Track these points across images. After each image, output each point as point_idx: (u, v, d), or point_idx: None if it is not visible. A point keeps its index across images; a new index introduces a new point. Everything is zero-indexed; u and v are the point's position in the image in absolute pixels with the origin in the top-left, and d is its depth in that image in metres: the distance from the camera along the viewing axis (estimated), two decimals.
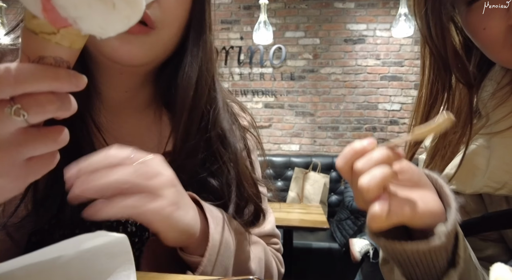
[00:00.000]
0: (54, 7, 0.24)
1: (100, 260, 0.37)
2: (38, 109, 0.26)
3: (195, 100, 0.52)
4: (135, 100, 0.56)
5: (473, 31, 0.45)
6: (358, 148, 0.36)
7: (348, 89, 3.44)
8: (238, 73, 3.53)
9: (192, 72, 0.51)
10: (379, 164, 0.34)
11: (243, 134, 0.62)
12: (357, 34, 3.42)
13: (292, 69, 3.48)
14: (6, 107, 0.25)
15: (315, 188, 3.00)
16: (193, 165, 0.52)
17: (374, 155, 0.35)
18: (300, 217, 2.19)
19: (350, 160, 0.36)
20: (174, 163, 0.51)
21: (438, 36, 0.47)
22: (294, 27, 3.48)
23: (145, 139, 0.57)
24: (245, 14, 3.53)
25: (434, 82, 0.51)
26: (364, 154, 0.35)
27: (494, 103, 0.49)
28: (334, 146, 3.47)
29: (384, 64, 3.38)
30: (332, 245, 2.55)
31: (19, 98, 0.25)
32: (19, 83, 0.25)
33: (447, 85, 0.51)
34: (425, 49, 0.51)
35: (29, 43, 0.26)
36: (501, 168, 0.45)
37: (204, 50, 0.53)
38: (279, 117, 3.52)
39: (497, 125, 0.47)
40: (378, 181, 0.33)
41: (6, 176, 0.28)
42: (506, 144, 0.46)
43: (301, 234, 2.63)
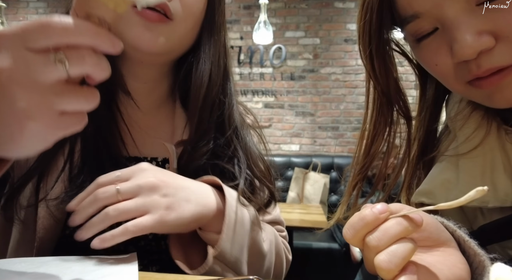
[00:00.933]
0: None
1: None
2: (79, 61, 0.29)
3: (208, 90, 0.56)
4: (154, 94, 0.61)
5: (427, 66, 0.46)
6: (370, 219, 0.31)
7: (348, 89, 3.44)
8: (238, 73, 3.53)
9: (205, 68, 0.56)
10: (396, 239, 0.30)
11: (248, 130, 0.66)
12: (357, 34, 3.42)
13: (292, 69, 3.48)
14: (49, 53, 0.28)
15: (315, 188, 3.01)
16: (207, 149, 0.56)
17: (391, 229, 0.30)
18: (300, 217, 2.19)
19: (360, 233, 0.32)
20: (190, 149, 0.56)
21: (382, 74, 0.50)
22: (294, 27, 3.48)
23: (161, 132, 0.61)
24: (245, 13, 3.54)
25: (377, 116, 0.54)
26: (376, 226, 0.31)
27: (459, 124, 0.50)
28: (334, 146, 3.47)
29: None
30: (332, 245, 2.56)
31: (63, 49, 0.28)
32: (65, 33, 0.28)
33: (389, 120, 0.53)
34: (370, 84, 0.54)
35: (79, 1, 0.29)
36: (470, 182, 0.46)
37: (215, 48, 0.58)
38: (279, 117, 3.52)
39: (463, 146, 0.49)
40: (399, 261, 0.29)
41: (39, 120, 0.29)
42: (473, 161, 0.48)
43: (301, 234, 2.64)
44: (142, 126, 0.59)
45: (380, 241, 0.30)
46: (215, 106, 0.58)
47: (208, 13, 0.56)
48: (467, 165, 0.48)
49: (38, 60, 0.28)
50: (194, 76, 0.56)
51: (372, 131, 0.54)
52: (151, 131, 0.60)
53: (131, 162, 0.55)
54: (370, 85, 0.55)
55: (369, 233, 0.31)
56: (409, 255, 0.30)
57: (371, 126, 0.55)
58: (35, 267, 0.40)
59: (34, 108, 0.29)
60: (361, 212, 0.32)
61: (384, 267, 0.29)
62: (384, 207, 0.32)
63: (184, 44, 0.55)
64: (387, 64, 0.50)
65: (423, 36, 0.44)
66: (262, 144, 0.68)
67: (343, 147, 3.46)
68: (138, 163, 0.48)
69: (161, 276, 0.43)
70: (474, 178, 0.46)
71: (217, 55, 0.58)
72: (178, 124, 0.59)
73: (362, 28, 0.49)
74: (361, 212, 0.32)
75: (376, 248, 0.30)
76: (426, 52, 0.45)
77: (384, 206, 0.32)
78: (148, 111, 0.61)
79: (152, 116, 0.61)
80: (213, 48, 0.57)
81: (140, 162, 0.48)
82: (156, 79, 0.59)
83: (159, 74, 0.59)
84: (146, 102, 0.60)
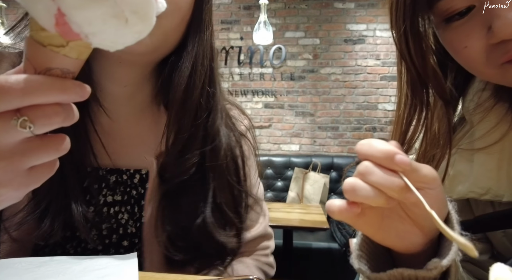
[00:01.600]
0: (67, 22, 0.24)
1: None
2: (45, 121, 0.26)
3: (187, 93, 0.51)
4: (136, 98, 0.56)
5: (453, 49, 0.44)
6: (384, 153, 0.31)
7: (348, 89, 3.44)
8: (238, 73, 3.54)
9: (185, 67, 0.52)
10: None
11: (239, 140, 0.61)
12: (357, 34, 3.42)
13: (292, 69, 3.48)
14: (12, 118, 0.25)
15: (315, 188, 3.01)
16: (193, 162, 0.52)
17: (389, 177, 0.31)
18: (300, 217, 2.19)
19: (368, 157, 0.33)
20: (173, 160, 0.52)
21: (417, 54, 0.46)
22: (294, 27, 3.48)
23: (145, 139, 0.56)
24: (245, 14, 3.54)
25: (412, 99, 0.50)
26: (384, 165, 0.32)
27: (478, 117, 0.48)
28: (334, 146, 3.47)
29: (384, 64, 3.39)
30: (332, 245, 2.55)
31: (25, 110, 0.25)
32: (27, 94, 0.24)
33: (425, 102, 0.50)
34: (402, 66, 0.50)
35: (36, 54, 0.25)
36: (485, 175, 0.45)
37: (200, 47, 0.53)
38: (279, 117, 3.52)
39: (480, 141, 0.46)
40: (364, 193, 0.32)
41: (9, 185, 0.28)
42: (489, 154, 0.46)
43: (301, 234, 2.64)
44: (121, 135, 0.55)
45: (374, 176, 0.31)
46: (198, 112, 0.53)
47: (195, 11, 0.52)
48: (482, 157, 0.46)
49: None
50: (175, 77, 0.52)
51: (407, 115, 0.51)
52: (132, 140, 0.55)
53: (99, 173, 0.53)
54: (402, 67, 0.50)
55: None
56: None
57: (405, 109, 0.51)
58: (34, 267, 0.40)
59: (1, 174, 0.27)
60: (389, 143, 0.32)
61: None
62: (406, 159, 0.31)
63: (169, 42, 0.51)
64: (422, 43, 0.46)
65: (453, 16, 0.41)
66: (253, 150, 0.65)
67: (343, 147, 3.46)
68: (113, 175, 0.48)
69: (161, 276, 0.43)
70: (490, 172, 0.45)
71: (200, 55, 0.53)
72: (161, 133, 0.54)
73: (395, 6, 0.46)
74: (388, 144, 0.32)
75: (364, 177, 0.32)
76: (456, 34, 0.42)
77: (407, 159, 0.31)
78: (129, 118, 0.56)
79: (134, 123, 0.56)
80: (197, 47, 0.52)
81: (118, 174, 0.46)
82: (138, 82, 0.54)
83: (140, 77, 0.54)
84: (127, 108, 0.55)
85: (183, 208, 0.53)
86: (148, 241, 0.53)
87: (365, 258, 0.38)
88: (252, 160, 0.65)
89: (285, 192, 3.16)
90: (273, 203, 2.81)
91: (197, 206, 0.54)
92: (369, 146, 0.32)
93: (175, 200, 0.53)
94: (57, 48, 0.25)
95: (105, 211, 0.53)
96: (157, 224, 0.53)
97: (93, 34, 0.25)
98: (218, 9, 3.56)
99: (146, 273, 0.43)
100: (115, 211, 0.54)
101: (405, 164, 0.31)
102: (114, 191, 0.54)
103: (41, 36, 0.25)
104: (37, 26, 0.25)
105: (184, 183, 0.53)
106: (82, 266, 0.41)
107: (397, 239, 0.36)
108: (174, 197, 0.53)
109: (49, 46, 0.25)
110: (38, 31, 0.25)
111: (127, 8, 0.24)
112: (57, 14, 0.23)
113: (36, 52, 0.25)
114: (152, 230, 0.53)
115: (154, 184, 0.54)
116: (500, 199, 0.43)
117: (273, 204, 2.75)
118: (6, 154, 0.26)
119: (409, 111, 0.50)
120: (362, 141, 0.33)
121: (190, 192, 0.54)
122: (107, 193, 0.54)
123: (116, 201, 0.54)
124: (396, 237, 0.36)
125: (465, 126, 0.51)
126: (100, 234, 0.52)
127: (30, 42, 0.25)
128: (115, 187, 0.54)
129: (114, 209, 0.54)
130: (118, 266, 0.42)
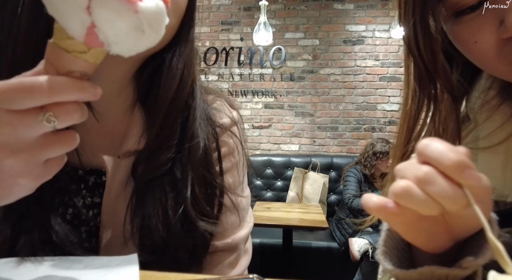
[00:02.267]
0: (96, 33, 0.27)
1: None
2: (67, 117, 0.30)
3: (178, 92, 0.51)
4: (122, 95, 0.53)
5: (463, 44, 0.42)
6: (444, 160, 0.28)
7: (347, 89, 3.45)
8: (238, 73, 3.55)
9: (179, 67, 0.51)
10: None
11: (216, 133, 0.57)
12: (356, 35, 3.43)
13: (292, 69, 3.50)
14: (39, 114, 0.29)
15: (315, 188, 3.02)
16: (167, 159, 0.50)
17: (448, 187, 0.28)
18: (300, 216, 2.20)
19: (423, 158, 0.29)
20: (145, 158, 0.50)
21: (426, 48, 0.44)
22: (293, 28, 3.49)
23: (127, 138, 0.53)
24: (245, 15, 3.55)
25: (420, 95, 0.48)
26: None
27: (483, 116, 0.46)
28: (333, 146, 3.48)
29: (383, 65, 3.40)
30: (332, 244, 2.56)
31: (50, 107, 0.29)
32: (53, 93, 0.28)
33: (433, 98, 0.48)
34: (410, 61, 0.48)
35: (60, 59, 0.29)
36: (489, 174, 0.44)
37: (191, 45, 0.52)
38: (278, 117, 3.53)
39: (485, 141, 0.45)
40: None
41: (29, 176, 0.31)
42: (494, 154, 0.45)
43: (300, 233, 2.65)
44: (104, 132, 0.53)
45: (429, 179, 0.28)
46: (184, 111, 0.52)
47: (189, 8, 0.50)
48: (487, 157, 0.45)
49: (25, 121, 0.29)
50: (165, 76, 0.50)
51: (415, 111, 0.49)
52: (116, 138, 0.53)
53: (78, 173, 0.51)
54: (410, 62, 0.49)
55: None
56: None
57: (413, 105, 0.49)
58: (35, 266, 0.40)
59: (23, 165, 0.30)
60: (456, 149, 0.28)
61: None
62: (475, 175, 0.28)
63: (164, 40, 0.48)
64: (431, 38, 0.44)
65: (464, 10, 0.39)
66: (239, 144, 0.60)
67: (342, 147, 3.48)
68: (92, 176, 0.47)
69: (162, 275, 0.42)
70: (495, 171, 0.43)
71: (190, 54, 0.52)
72: (133, 132, 0.52)
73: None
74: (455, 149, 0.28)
75: (423, 185, 0.28)
76: (466, 28, 0.40)
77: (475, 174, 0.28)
78: (113, 116, 0.53)
79: (119, 122, 0.54)
80: (190, 46, 0.52)
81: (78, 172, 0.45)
82: (125, 78, 0.52)
83: (128, 73, 0.51)
84: (113, 106, 0.53)
85: (156, 203, 0.51)
86: (117, 238, 0.51)
87: (389, 254, 0.37)
88: (236, 156, 0.60)
89: (285, 191, 3.17)
90: (273, 203, 2.82)
91: (172, 201, 0.51)
92: (436, 150, 0.28)
93: (146, 199, 0.51)
94: (80, 54, 0.29)
95: (84, 214, 0.52)
96: (127, 222, 0.51)
97: (116, 43, 0.28)
98: (218, 10, 3.57)
99: (147, 272, 0.42)
100: (94, 213, 0.52)
101: (475, 181, 0.28)
102: (93, 193, 0.53)
103: (67, 43, 0.28)
104: (63, 35, 0.28)
105: (157, 179, 0.51)
106: (83, 264, 0.41)
107: (426, 240, 0.34)
108: (145, 196, 0.51)
109: (73, 52, 0.29)
110: (64, 39, 0.28)
111: (145, 22, 0.28)
112: (90, 27, 0.27)
113: (60, 57, 0.29)
114: (120, 226, 0.51)
115: (120, 184, 0.51)
116: (504, 199, 0.42)
117: (273, 203, 2.76)
118: (28, 148, 0.29)
119: (417, 106, 0.49)
120: (426, 141, 0.29)
121: (163, 187, 0.51)
122: (86, 194, 0.52)
123: (96, 203, 0.52)
124: (426, 238, 0.34)
125: (469, 125, 0.49)
126: (80, 237, 0.51)
127: (53, 48, 0.29)
128: (94, 189, 0.53)
129: (93, 212, 0.52)
130: (119, 264, 0.41)
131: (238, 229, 0.58)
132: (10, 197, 0.32)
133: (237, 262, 0.58)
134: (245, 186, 0.63)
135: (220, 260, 0.56)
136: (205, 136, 0.55)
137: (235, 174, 0.59)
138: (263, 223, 1.99)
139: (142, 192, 0.51)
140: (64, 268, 0.40)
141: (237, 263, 0.58)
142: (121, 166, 0.51)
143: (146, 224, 0.50)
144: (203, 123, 0.55)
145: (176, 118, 0.51)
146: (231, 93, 3.56)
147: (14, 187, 0.31)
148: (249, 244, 0.62)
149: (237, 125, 0.61)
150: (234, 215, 0.57)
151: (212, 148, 0.56)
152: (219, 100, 0.61)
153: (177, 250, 0.51)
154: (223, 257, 0.56)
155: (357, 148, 3.41)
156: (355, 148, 3.43)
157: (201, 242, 0.53)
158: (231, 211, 0.57)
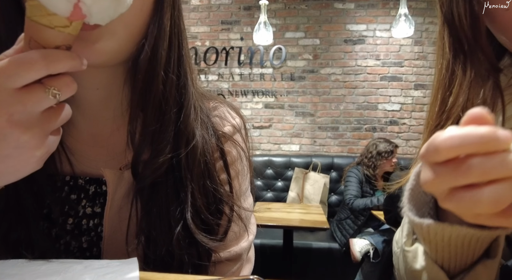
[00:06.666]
0: (80, 6, 0.29)
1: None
2: (67, 89, 0.32)
3: (146, 82, 0.46)
4: (112, 102, 0.50)
5: (491, 13, 0.41)
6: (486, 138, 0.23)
7: (348, 89, 3.45)
8: (238, 73, 3.54)
9: (145, 51, 0.44)
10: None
11: (220, 141, 0.55)
12: (357, 34, 3.43)
13: (292, 69, 3.49)
14: (44, 90, 0.31)
15: (315, 188, 3.01)
16: (163, 160, 0.47)
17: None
18: (300, 217, 2.20)
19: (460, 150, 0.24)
20: (135, 163, 0.48)
21: (466, 14, 0.42)
22: (294, 27, 3.48)
23: (123, 147, 0.50)
24: (245, 14, 3.54)
25: (453, 65, 0.46)
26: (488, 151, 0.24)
27: (508, 98, 0.44)
28: (334, 146, 3.48)
29: (384, 65, 3.39)
30: (332, 245, 2.56)
31: (50, 82, 0.31)
32: (50, 64, 0.30)
33: (467, 68, 0.45)
34: (445, 31, 0.47)
35: (44, 35, 0.30)
36: None
37: (161, 29, 0.45)
38: (279, 117, 3.53)
39: (509, 122, 0.44)
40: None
41: (42, 147, 0.33)
42: None
43: (301, 234, 2.64)
44: (100, 141, 0.51)
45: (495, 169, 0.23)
46: (163, 104, 0.48)
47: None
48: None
49: (33, 98, 0.30)
50: (137, 65, 0.45)
51: (448, 81, 0.47)
52: (114, 146, 0.51)
53: (78, 183, 0.51)
54: (445, 32, 0.47)
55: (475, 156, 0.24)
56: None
57: (447, 74, 0.46)
58: (36, 265, 0.40)
59: (37, 138, 0.32)
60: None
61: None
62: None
63: (134, 35, 0.43)
64: (473, 3, 0.42)
65: None
66: (242, 152, 0.58)
67: (343, 147, 3.47)
68: (73, 183, 0.47)
69: (161, 276, 0.42)
70: None
71: (162, 37, 0.45)
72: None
73: None
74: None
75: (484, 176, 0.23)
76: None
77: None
78: (108, 123, 0.51)
79: (112, 128, 0.51)
80: (157, 29, 0.44)
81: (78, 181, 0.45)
82: (111, 83, 0.48)
83: (112, 78, 0.48)
84: (105, 112, 0.50)
85: (159, 215, 0.49)
86: (119, 249, 0.50)
87: (414, 211, 0.37)
88: (238, 165, 0.57)
89: (285, 192, 3.16)
90: (273, 203, 2.81)
91: (175, 212, 0.49)
92: (461, 136, 0.24)
93: (148, 207, 0.49)
94: (63, 28, 0.30)
95: (85, 223, 0.51)
96: (130, 233, 0.49)
97: (97, 13, 0.30)
98: (218, 10, 3.57)
99: (146, 273, 0.42)
100: (95, 223, 0.51)
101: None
102: (93, 203, 0.51)
103: (48, 19, 0.29)
104: (43, 11, 0.28)
105: (158, 186, 0.49)
106: (83, 265, 0.41)
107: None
108: (148, 203, 0.49)
109: (56, 27, 0.30)
110: (44, 15, 0.29)
111: None
112: (76, 3, 0.28)
113: (44, 33, 0.30)
114: (122, 236, 0.49)
115: (122, 195, 0.50)
116: None
117: (273, 204, 2.76)
118: (37, 122, 0.32)
119: (451, 76, 0.47)
120: (446, 134, 0.24)
121: (165, 197, 0.49)
122: (86, 204, 0.51)
123: (96, 213, 0.51)
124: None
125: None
126: (81, 246, 0.50)
127: (34, 26, 0.29)
128: (94, 198, 0.51)
129: (94, 222, 0.51)
130: (119, 265, 0.42)
131: (241, 239, 0.56)
132: (27, 169, 0.34)
133: (239, 271, 0.57)
134: (248, 195, 0.61)
135: (223, 271, 0.55)
136: (204, 141, 0.52)
137: (237, 184, 0.57)
138: (264, 223, 1.99)
139: (145, 203, 0.50)
140: (64, 268, 0.40)
141: (240, 273, 0.57)
142: (124, 178, 0.50)
143: (150, 236, 0.49)
144: (204, 131, 0.52)
145: (168, 115, 0.47)
146: (231, 93, 3.56)
147: (31, 159, 0.33)
148: (251, 252, 0.61)
149: (240, 132, 0.58)
150: (237, 226, 0.56)
151: (215, 157, 0.54)
152: (221, 106, 0.59)
153: (181, 262, 0.50)
154: (226, 267, 0.55)
155: (358, 148, 3.40)
156: (356, 148, 3.42)
157: (205, 254, 0.52)
158: (235, 221, 0.55)
